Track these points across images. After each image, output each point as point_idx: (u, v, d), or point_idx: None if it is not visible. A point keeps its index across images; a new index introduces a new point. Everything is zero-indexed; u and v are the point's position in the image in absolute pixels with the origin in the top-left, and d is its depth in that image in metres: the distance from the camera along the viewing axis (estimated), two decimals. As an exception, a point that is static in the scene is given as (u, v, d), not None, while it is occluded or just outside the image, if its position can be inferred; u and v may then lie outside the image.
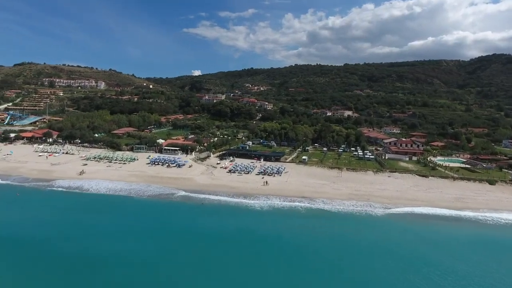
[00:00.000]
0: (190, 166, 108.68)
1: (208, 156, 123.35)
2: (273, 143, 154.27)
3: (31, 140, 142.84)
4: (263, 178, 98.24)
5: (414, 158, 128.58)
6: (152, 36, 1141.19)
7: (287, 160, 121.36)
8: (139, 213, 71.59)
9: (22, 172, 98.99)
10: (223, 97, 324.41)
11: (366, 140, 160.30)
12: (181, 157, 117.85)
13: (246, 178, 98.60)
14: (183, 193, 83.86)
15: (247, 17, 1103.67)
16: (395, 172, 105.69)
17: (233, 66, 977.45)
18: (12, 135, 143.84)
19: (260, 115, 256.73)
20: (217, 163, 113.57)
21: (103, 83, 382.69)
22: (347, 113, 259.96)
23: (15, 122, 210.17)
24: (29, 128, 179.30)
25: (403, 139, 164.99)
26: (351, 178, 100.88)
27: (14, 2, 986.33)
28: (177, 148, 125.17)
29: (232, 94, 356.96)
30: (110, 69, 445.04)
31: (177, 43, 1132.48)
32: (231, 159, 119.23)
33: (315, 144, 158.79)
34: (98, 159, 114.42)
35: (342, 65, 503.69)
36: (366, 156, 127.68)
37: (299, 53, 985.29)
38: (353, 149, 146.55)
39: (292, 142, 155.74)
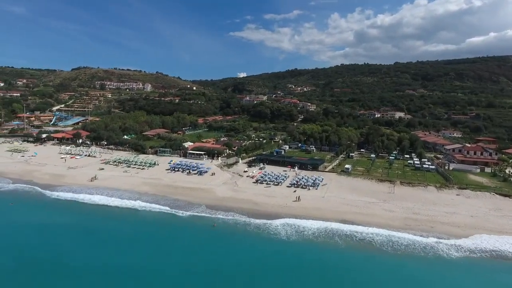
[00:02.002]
0: (212, 174, 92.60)
1: (236, 162, 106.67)
2: (313, 147, 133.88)
3: (61, 141, 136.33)
4: (294, 191, 79.28)
5: (487, 170, 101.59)
6: (200, 40, 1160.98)
7: (327, 169, 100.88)
8: (131, 237, 56.36)
9: (34, 176, 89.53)
10: (265, 98, 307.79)
11: (423, 146, 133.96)
12: (204, 163, 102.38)
13: (274, 191, 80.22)
14: (194, 211, 67.45)
15: (292, 19, 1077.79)
16: (465, 188, 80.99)
17: (278, 67, 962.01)
18: (44, 135, 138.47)
19: (302, 116, 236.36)
20: (244, 171, 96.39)
21: (150, 85, 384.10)
22: (398, 114, 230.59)
23: (60, 122, 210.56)
24: (70, 128, 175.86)
25: (468, 144, 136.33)
26: (406, 195, 78.28)
27: (80, 12, 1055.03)
28: (202, 153, 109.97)
29: (274, 95, 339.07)
30: (157, 72, 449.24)
31: (223, 47, 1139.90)
32: (261, 166, 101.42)
33: (361, 150, 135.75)
34: (117, 163, 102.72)
35: (392, 63, 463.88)
36: (424, 166, 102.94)
37: (346, 54, 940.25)
38: (407, 156, 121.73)
39: (334, 147, 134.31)
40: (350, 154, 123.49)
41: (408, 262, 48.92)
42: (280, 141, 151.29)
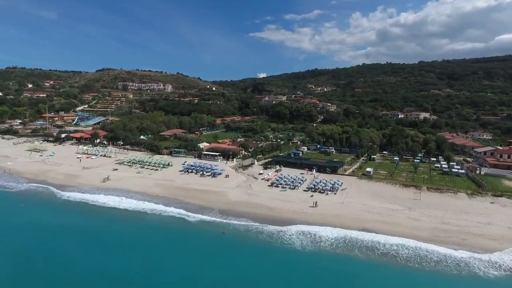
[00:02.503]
0: (226, 176, 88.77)
1: (251, 164, 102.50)
2: (332, 149, 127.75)
3: (79, 141, 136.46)
4: (312, 196, 74.19)
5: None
6: (221, 41, 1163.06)
7: (347, 172, 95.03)
8: (136, 242, 53.03)
9: (48, 176, 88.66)
10: (284, 98, 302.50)
11: (451, 148, 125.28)
12: (219, 164, 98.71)
13: (290, 195, 75.40)
14: (204, 216, 63.58)
15: (313, 19, 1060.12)
16: (501, 196, 73.48)
17: (298, 68, 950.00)
18: (63, 135, 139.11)
19: (322, 117, 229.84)
20: (259, 173, 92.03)
21: (170, 86, 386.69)
22: (423, 115, 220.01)
23: (81, 122, 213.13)
24: (90, 128, 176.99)
25: (500, 147, 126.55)
26: (434, 202, 71.63)
27: (106, 16, 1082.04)
28: (217, 154, 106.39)
29: (293, 95, 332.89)
30: (177, 73, 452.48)
31: (243, 47, 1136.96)
32: (277, 168, 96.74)
33: (384, 152, 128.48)
34: (131, 164, 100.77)
35: (417, 62, 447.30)
36: (453, 170, 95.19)
37: (368, 53, 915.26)
38: (434, 159, 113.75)
39: (355, 148, 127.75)
40: (372, 156, 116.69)
41: (439, 281, 43.13)
42: (298, 142, 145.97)
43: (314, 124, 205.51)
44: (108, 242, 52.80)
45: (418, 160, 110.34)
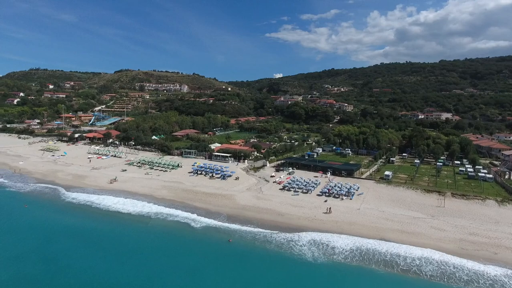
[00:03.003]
0: (236, 179, 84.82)
1: (263, 166, 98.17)
2: (348, 151, 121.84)
3: (92, 140, 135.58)
4: (325, 201, 69.25)
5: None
6: (237, 42, 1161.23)
7: (364, 176, 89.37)
8: (136, 249, 49.54)
9: (56, 177, 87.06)
10: (300, 98, 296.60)
11: (476, 151, 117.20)
12: (229, 166, 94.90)
13: (302, 200, 70.64)
14: (210, 221, 59.63)
15: (329, 18, 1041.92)
16: (535, 204, 66.57)
17: (314, 68, 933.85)
18: (76, 135, 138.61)
19: (338, 117, 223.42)
20: (271, 176, 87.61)
21: (186, 86, 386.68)
22: (445, 115, 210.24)
23: (98, 122, 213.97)
24: (104, 128, 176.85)
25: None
26: (460, 210, 65.40)
27: (125, 19, 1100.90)
28: (228, 155, 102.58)
29: (309, 96, 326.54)
30: (193, 73, 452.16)
31: (259, 48, 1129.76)
32: (290, 171, 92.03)
33: (403, 154, 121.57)
34: (141, 164, 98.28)
35: (438, 61, 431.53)
36: (479, 174, 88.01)
37: (386, 53, 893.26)
38: (458, 162, 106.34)
39: (373, 150, 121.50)
40: (391, 158, 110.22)
41: (469, 304, 37.72)
42: (313, 143, 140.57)
43: (330, 125, 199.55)
44: (107, 249, 49.60)
45: (441, 163, 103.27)
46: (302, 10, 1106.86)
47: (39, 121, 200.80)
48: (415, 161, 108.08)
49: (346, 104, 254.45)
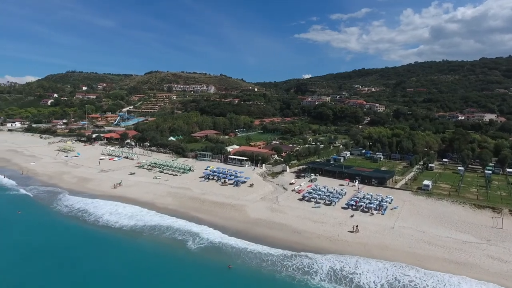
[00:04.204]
0: (250, 186, 74.80)
1: (283, 171, 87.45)
2: (380, 155, 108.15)
3: (109, 141, 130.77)
4: (352, 216, 57.64)
5: None
6: (265, 43, 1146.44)
7: (398, 185, 76.31)
8: (116, 275, 40.57)
9: (61, 179, 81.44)
10: (328, 99, 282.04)
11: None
12: (245, 170, 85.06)
13: (324, 213, 59.36)
14: (211, 239, 49.85)
15: (360, 17, 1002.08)
16: None
17: (344, 68, 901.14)
18: (94, 135, 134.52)
19: (369, 118, 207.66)
20: (290, 183, 76.80)
21: (213, 87, 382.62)
22: (489, 116, 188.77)
23: (122, 123, 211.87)
24: (124, 128, 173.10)
25: None
26: (524, 233, 51.60)
27: (157, 22, 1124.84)
28: (244, 158, 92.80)
29: (338, 96, 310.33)
30: (221, 74, 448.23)
31: (288, 49, 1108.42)
32: (312, 177, 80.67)
33: (444, 160, 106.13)
34: (151, 167, 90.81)
35: (478, 59, 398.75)
36: (541, 186, 72.47)
37: (420, 52, 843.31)
38: (510, 170, 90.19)
39: (407, 155, 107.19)
40: (429, 165, 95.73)
41: None
42: (341, 146, 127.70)
43: (360, 126, 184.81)
44: (80, 273, 41.05)
45: (490, 171, 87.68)
46: (332, 10, 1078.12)
47: (66, 121, 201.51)
48: (458, 168, 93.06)
49: (377, 105, 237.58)
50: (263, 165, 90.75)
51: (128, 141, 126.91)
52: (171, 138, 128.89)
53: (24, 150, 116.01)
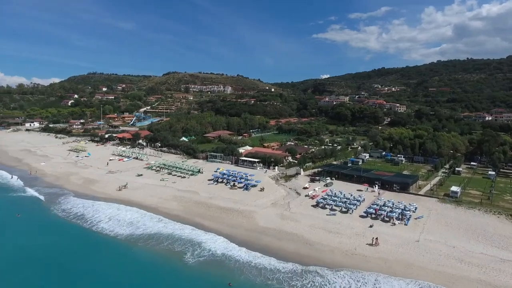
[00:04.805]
0: (261, 190, 69.83)
1: (296, 174, 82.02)
2: (401, 158, 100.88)
3: (121, 141, 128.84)
4: (371, 226, 51.69)
5: None
6: (282, 44, 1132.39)
7: (422, 191, 69.46)
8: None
9: (67, 181, 78.97)
10: (346, 99, 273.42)
11: None
12: (256, 173, 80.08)
13: (340, 222, 53.64)
14: (213, 248, 45.20)
15: (380, 16, 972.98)
16: None
17: (363, 68, 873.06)
18: (107, 135, 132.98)
19: (389, 119, 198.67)
20: (304, 187, 71.30)
21: (230, 87, 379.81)
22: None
23: (138, 123, 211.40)
24: (138, 128, 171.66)
25: None
26: None
27: (176, 25, 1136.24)
28: (256, 160, 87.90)
29: (357, 96, 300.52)
30: (237, 75, 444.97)
31: (306, 49, 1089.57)
32: (327, 181, 74.88)
33: (472, 163, 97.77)
34: (159, 168, 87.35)
35: (505, 57, 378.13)
36: None
37: (443, 50, 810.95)
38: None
39: (432, 158, 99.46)
40: (456, 169, 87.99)
41: None
42: (359, 147, 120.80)
43: (379, 127, 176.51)
44: (66, 284, 37.30)
45: (526, 177, 79.44)
46: (351, 9, 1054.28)
47: (83, 121, 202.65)
48: (489, 172, 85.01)
49: (398, 105, 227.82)
50: (276, 167, 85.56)
51: (140, 141, 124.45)
52: (183, 138, 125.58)
53: (37, 150, 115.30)
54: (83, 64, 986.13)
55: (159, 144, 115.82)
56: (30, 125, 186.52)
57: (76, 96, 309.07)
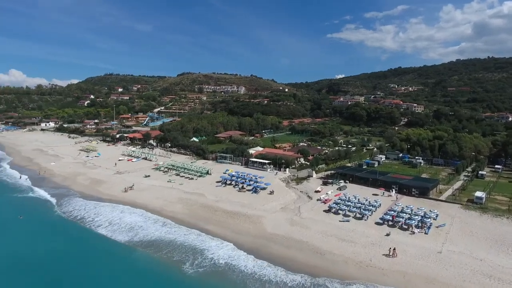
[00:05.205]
0: (270, 193, 66.46)
1: (308, 177, 78.17)
2: (420, 160, 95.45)
3: (132, 141, 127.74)
4: (388, 235, 47.55)
5: None
6: (297, 44, 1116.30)
7: (443, 196, 64.54)
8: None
9: (74, 181, 77.62)
10: (361, 99, 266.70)
11: None
12: (266, 175, 76.78)
13: (354, 230, 49.69)
14: (218, 255, 42.18)
15: (396, 15, 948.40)
16: None
17: (379, 68, 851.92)
18: (118, 135, 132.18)
19: (406, 119, 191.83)
20: (316, 191, 67.52)
21: (243, 88, 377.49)
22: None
23: (151, 123, 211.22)
24: (149, 129, 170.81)
25: None
26: None
27: (192, 26, 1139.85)
28: (267, 162, 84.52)
29: (372, 96, 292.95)
30: (251, 75, 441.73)
31: (320, 49, 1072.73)
32: (341, 185, 70.82)
33: (496, 166, 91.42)
34: (167, 169, 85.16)
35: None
36: None
37: (462, 49, 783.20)
38: None
39: (452, 160, 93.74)
40: (480, 172, 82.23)
41: None
42: (375, 149, 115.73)
43: (396, 128, 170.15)
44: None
45: (557, 182, 73.18)
46: (366, 8, 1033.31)
47: (97, 121, 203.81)
48: (516, 176, 79.10)
49: (415, 105, 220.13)
50: (287, 169, 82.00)
51: (151, 141, 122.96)
52: (194, 139, 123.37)
53: (49, 150, 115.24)
54: (101, 65, 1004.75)
55: (169, 145, 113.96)
56: (46, 125, 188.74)
57: (92, 96, 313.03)
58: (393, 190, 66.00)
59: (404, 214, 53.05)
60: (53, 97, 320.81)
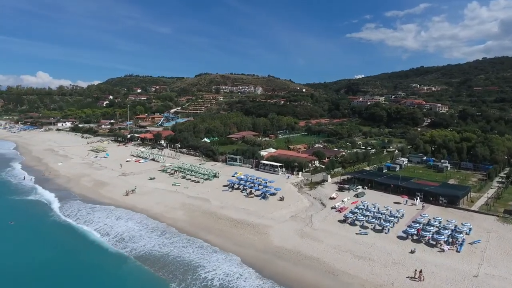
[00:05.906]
0: (280, 199, 60.65)
1: (323, 181, 71.75)
2: (446, 164, 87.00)
3: (143, 141, 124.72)
4: (412, 252, 40.81)
5: None
6: (316, 44, 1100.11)
7: (475, 206, 56.78)
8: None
9: (78, 183, 74.40)
10: (381, 99, 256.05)
11: None
12: (276, 179, 71.00)
13: (372, 245, 43.15)
14: (215, 272, 36.80)
15: (418, 13, 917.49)
16: None
17: (400, 68, 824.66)
18: (129, 135, 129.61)
19: (429, 120, 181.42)
20: (331, 197, 61.14)
21: (260, 88, 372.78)
22: None
23: (166, 123, 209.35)
24: (161, 129, 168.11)
25: None
26: None
27: (211, 27, 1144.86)
28: (278, 165, 78.64)
29: (393, 96, 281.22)
30: (268, 75, 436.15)
31: (339, 49, 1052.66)
32: (359, 191, 64.11)
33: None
34: (173, 171, 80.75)
35: None
36: None
37: (487, 48, 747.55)
38: None
39: (482, 164, 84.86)
40: (515, 178, 73.43)
41: None
42: (396, 151, 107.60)
43: (419, 129, 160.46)
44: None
45: None
46: (387, 7, 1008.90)
47: (113, 121, 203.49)
48: (558, 184, 69.83)
49: (439, 105, 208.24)
50: (300, 173, 75.87)
51: (161, 142, 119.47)
52: (205, 139, 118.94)
53: (60, 150, 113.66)
54: (121, 66, 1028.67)
55: (179, 145, 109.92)
56: (62, 125, 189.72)
57: (111, 97, 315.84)
58: (418, 198, 58.74)
59: (432, 227, 45.93)
60: (73, 97, 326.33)
